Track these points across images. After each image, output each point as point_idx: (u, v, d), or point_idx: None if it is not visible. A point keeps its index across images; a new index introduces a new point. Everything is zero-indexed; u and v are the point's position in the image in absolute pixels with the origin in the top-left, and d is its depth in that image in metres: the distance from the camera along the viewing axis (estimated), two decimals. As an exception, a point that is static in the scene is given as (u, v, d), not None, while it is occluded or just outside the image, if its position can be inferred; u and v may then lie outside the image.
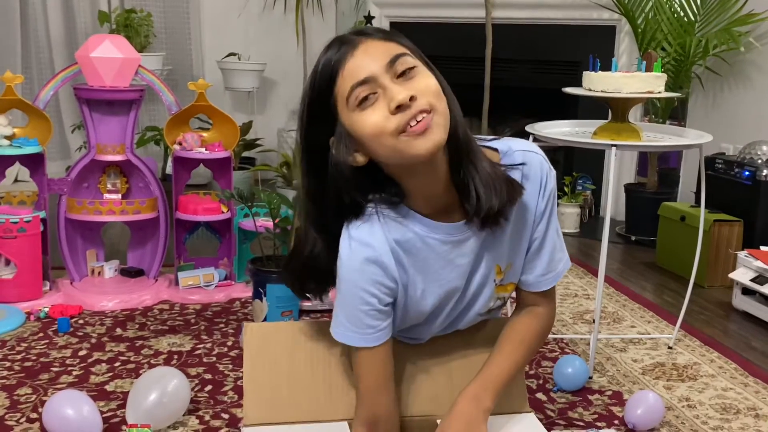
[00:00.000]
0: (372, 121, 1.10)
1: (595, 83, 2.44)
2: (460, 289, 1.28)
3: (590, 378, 2.47)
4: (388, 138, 1.10)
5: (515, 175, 1.24)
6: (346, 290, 1.19)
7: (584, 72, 2.50)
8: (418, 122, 1.10)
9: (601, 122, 2.65)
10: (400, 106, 1.09)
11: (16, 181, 4.63)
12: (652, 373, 2.55)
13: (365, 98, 1.10)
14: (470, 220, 1.21)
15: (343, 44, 1.12)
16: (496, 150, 1.28)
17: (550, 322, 1.39)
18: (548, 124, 2.66)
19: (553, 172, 1.31)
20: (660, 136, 2.61)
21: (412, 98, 1.10)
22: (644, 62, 2.45)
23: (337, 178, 1.15)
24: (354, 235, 1.17)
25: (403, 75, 1.12)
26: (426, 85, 1.12)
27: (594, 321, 2.97)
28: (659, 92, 2.43)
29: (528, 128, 2.55)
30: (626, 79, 2.41)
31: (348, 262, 1.18)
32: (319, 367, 1.31)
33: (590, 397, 2.37)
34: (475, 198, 1.17)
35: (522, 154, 1.27)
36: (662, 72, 2.46)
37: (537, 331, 1.37)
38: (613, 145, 2.34)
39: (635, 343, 2.81)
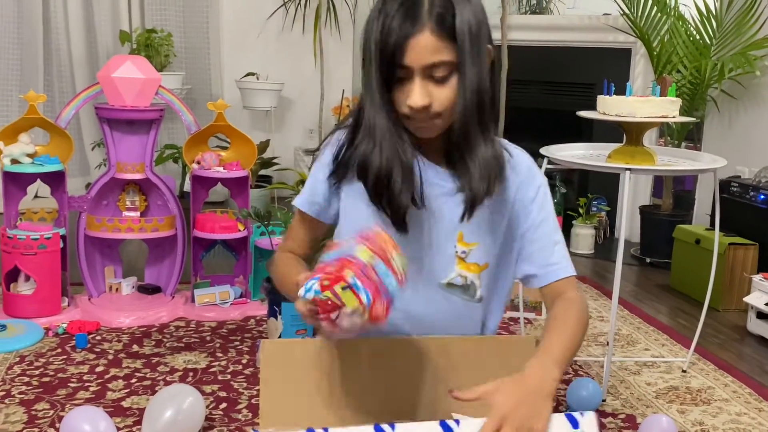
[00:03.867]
0: (397, 96, 1.24)
1: (610, 107, 2.47)
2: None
3: (603, 401, 2.47)
4: (400, 114, 1.26)
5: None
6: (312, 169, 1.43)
7: (599, 96, 2.52)
8: (424, 122, 1.25)
9: (615, 145, 2.67)
10: (411, 106, 1.22)
11: (36, 197, 4.70)
12: (666, 397, 2.55)
13: (400, 77, 1.22)
14: (461, 188, 1.31)
15: (408, 16, 1.18)
16: None
17: (584, 306, 1.37)
18: (563, 146, 2.68)
19: (541, 172, 1.41)
20: (674, 160, 2.63)
21: (425, 107, 1.22)
22: (659, 87, 2.47)
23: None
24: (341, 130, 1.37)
25: (434, 79, 1.21)
26: (445, 96, 1.22)
27: (608, 343, 2.98)
28: (674, 117, 2.45)
29: (543, 151, 2.57)
30: (640, 103, 2.43)
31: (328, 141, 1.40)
32: (336, 386, 1.33)
33: (603, 420, 2.37)
34: (468, 178, 1.28)
35: (512, 149, 1.38)
36: (677, 96, 2.48)
37: (576, 312, 1.35)
38: (627, 169, 2.35)
39: (649, 366, 2.81)
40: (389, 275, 1.11)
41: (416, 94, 1.20)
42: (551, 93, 4.92)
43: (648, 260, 4.20)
